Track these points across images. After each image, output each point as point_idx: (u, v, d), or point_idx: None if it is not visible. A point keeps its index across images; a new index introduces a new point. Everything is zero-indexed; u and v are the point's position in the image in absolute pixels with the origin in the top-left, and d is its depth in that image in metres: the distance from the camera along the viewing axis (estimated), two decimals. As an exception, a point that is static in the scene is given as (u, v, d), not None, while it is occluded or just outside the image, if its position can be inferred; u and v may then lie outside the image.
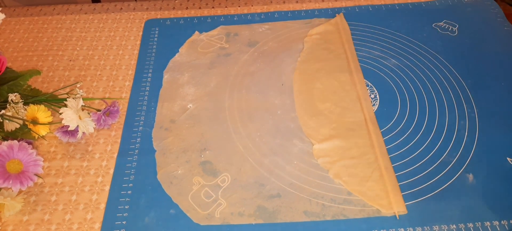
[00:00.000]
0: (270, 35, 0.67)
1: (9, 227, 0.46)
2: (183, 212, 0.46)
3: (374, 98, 0.57)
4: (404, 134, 0.52)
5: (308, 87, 0.59)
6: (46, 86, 0.61)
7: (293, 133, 0.53)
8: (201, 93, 0.59)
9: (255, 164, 0.50)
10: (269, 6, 0.73)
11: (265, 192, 0.47)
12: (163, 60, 0.64)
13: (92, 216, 0.47)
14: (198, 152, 0.52)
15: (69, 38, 0.69)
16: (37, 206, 0.48)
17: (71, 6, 0.75)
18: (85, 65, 0.64)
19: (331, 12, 0.71)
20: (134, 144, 0.53)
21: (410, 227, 0.44)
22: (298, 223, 0.45)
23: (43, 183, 0.50)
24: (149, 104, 0.58)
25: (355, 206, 0.46)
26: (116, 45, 0.67)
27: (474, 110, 0.54)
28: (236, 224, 0.45)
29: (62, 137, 0.52)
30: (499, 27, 0.66)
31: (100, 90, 0.60)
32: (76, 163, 0.52)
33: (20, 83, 0.51)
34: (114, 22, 0.72)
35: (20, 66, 0.64)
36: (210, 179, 0.49)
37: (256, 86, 0.59)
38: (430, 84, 0.58)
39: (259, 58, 0.63)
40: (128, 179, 0.50)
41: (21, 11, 0.75)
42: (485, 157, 0.49)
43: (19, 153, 0.45)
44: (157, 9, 0.74)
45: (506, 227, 0.43)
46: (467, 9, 0.69)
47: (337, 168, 0.49)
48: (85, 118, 0.50)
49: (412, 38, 0.65)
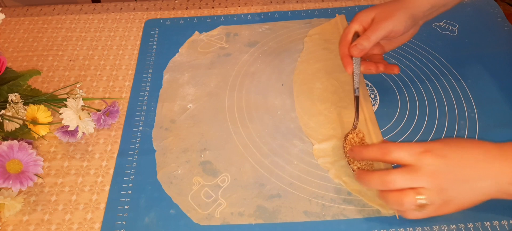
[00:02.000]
0: (270, 35, 0.67)
1: (9, 227, 0.46)
2: (183, 212, 0.46)
3: (374, 98, 0.57)
4: (404, 134, 0.52)
5: (308, 87, 0.59)
6: (46, 86, 0.61)
7: (293, 133, 0.53)
8: (201, 93, 0.59)
9: (255, 164, 0.50)
10: (269, 6, 0.73)
11: (265, 192, 0.47)
12: (163, 60, 0.64)
13: (92, 216, 0.47)
14: (198, 152, 0.52)
15: (69, 38, 0.69)
16: (37, 206, 0.48)
17: (71, 6, 0.75)
18: (85, 65, 0.64)
19: (331, 12, 0.70)
20: (134, 144, 0.53)
21: (410, 227, 0.44)
22: (298, 223, 0.45)
23: (43, 183, 0.50)
24: (149, 104, 0.58)
25: (355, 206, 0.46)
26: (116, 45, 0.67)
27: (474, 110, 0.54)
28: (236, 224, 0.45)
29: (62, 137, 0.52)
30: (499, 27, 0.66)
31: (100, 90, 0.60)
32: (76, 163, 0.52)
33: (20, 83, 0.51)
34: (114, 22, 0.72)
35: (20, 66, 0.64)
36: (210, 179, 0.49)
37: (256, 86, 0.59)
38: (430, 84, 0.58)
39: (259, 58, 0.63)
40: (128, 179, 0.50)
41: (21, 11, 0.75)
42: (485, 157, 0.49)
43: (19, 153, 0.45)
44: (157, 9, 0.74)
45: (506, 227, 0.43)
46: (467, 9, 0.69)
47: (337, 168, 0.49)
48: (85, 118, 0.50)
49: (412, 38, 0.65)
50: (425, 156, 0.39)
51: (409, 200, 0.38)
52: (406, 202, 0.38)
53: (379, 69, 0.51)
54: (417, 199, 0.38)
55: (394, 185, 0.39)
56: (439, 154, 0.39)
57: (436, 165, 0.39)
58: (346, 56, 0.49)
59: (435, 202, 0.39)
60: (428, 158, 0.39)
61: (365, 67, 0.51)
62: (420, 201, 0.38)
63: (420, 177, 0.39)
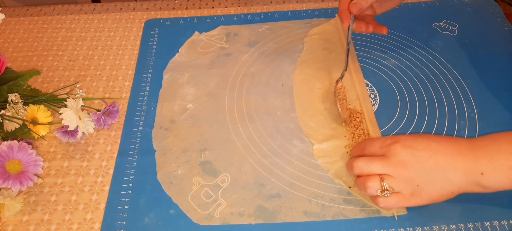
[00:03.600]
0: (270, 35, 0.67)
1: (9, 227, 0.46)
2: (183, 212, 0.46)
3: (374, 98, 0.56)
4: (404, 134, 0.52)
5: (308, 87, 0.59)
6: (46, 86, 0.61)
7: (293, 133, 0.53)
8: (201, 93, 0.59)
9: (255, 164, 0.50)
10: (269, 6, 0.73)
11: (265, 192, 0.47)
12: (163, 60, 0.64)
13: (92, 216, 0.47)
14: (198, 152, 0.52)
15: (69, 38, 0.69)
16: (37, 206, 0.48)
17: (71, 6, 0.75)
18: (85, 65, 0.64)
19: (331, 12, 0.70)
20: (134, 144, 0.53)
21: (410, 227, 0.44)
22: (298, 223, 0.45)
23: (43, 183, 0.50)
24: (149, 104, 0.58)
25: (355, 206, 0.46)
26: (116, 45, 0.67)
27: (474, 110, 0.54)
28: (236, 224, 0.45)
29: (62, 137, 0.52)
30: (499, 27, 0.66)
31: (100, 90, 0.60)
32: (76, 163, 0.52)
33: (20, 83, 0.51)
34: (114, 22, 0.72)
35: (20, 66, 0.64)
36: (210, 179, 0.49)
37: (256, 86, 0.59)
38: (430, 84, 0.58)
39: (259, 58, 0.63)
40: (128, 179, 0.50)
41: (21, 11, 0.75)
42: (485, 157, 0.49)
43: (19, 153, 0.45)
44: (157, 9, 0.74)
45: (506, 227, 0.43)
46: (467, 9, 0.69)
47: (337, 168, 0.49)
48: (85, 118, 0.50)
49: (412, 38, 0.65)
50: (393, 146, 0.42)
51: (372, 185, 0.42)
52: (368, 186, 0.42)
53: (369, 29, 0.54)
54: (381, 185, 0.41)
55: (360, 170, 0.43)
56: (406, 144, 0.42)
57: (403, 155, 0.41)
58: (345, 11, 0.52)
59: (402, 191, 0.41)
60: (396, 148, 0.42)
61: (357, 25, 0.53)
62: (383, 187, 0.41)
63: (386, 165, 0.42)
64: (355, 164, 0.44)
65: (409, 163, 0.41)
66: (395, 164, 0.41)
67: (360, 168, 0.43)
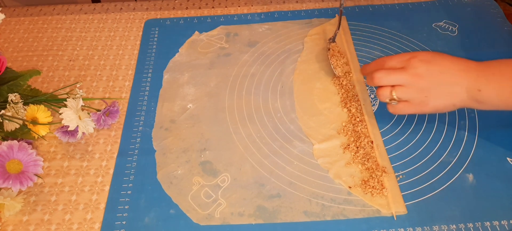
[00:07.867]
0: (270, 35, 0.67)
1: (9, 227, 0.46)
2: (183, 212, 0.46)
3: (374, 98, 0.56)
4: (404, 134, 0.52)
5: (308, 87, 0.59)
6: (46, 86, 0.61)
7: (293, 133, 0.53)
8: (201, 93, 0.59)
9: (255, 164, 0.50)
10: (269, 6, 0.73)
11: (265, 192, 0.47)
12: (163, 60, 0.64)
13: (92, 216, 0.47)
14: (198, 152, 0.52)
15: (69, 38, 0.69)
16: (37, 206, 0.48)
17: (71, 6, 0.75)
18: (85, 65, 0.64)
19: (331, 12, 0.70)
20: (134, 144, 0.53)
21: (410, 227, 0.44)
22: (298, 223, 0.45)
23: (43, 183, 0.50)
24: (149, 104, 0.58)
25: (355, 206, 0.46)
26: (116, 45, 0.67)
27: (474, 110, 0.54)
28: (236, 224, 0.45)
29: (62, 137, 0.52)
30: (499, 27, 0.66)
31: (100, 90, 0.60)
32: (76, 163, 0.52)
33: (20, 83, 0.51)
34: (114, 22, 0.72)
35: (20, 66, 0.64)
36: (210, 179, 0.49)
37: (256, 86, 0.59)
38: (430, 84, 0.58)
39: (259, 58, 0.63)
40: (128, 179, 0.50)
41: (21, 11, 0.75)
42: (485, 157, 0.49)
43: (19, 153, 0.45)
44: (157, 9, 0.74)
45: (506, 227, 0.43)
46: (467, 9, 0.69)
47: (337, 168, 0.49)
48: (85, 118, 0.50)
49: (412, 38, 0.65)
50: (412, 60, 0.46)
51: (383, 93, 0.47)
52: (380, 94, 0.47)
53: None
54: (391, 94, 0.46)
55: (380, 81, 0.47)
56: (423, 59, 0.46)
57: (420, 68, 0.46)
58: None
59: (414, 99, 0.46)
60: (415, 62, 0.46)
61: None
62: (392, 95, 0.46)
63: (404, 76, 0.46)
64: (376, 74, 0.47)
65: (425, 75, 0.45)
66: (412, 75, 0.45)
67: (380, 78, 0.47)
